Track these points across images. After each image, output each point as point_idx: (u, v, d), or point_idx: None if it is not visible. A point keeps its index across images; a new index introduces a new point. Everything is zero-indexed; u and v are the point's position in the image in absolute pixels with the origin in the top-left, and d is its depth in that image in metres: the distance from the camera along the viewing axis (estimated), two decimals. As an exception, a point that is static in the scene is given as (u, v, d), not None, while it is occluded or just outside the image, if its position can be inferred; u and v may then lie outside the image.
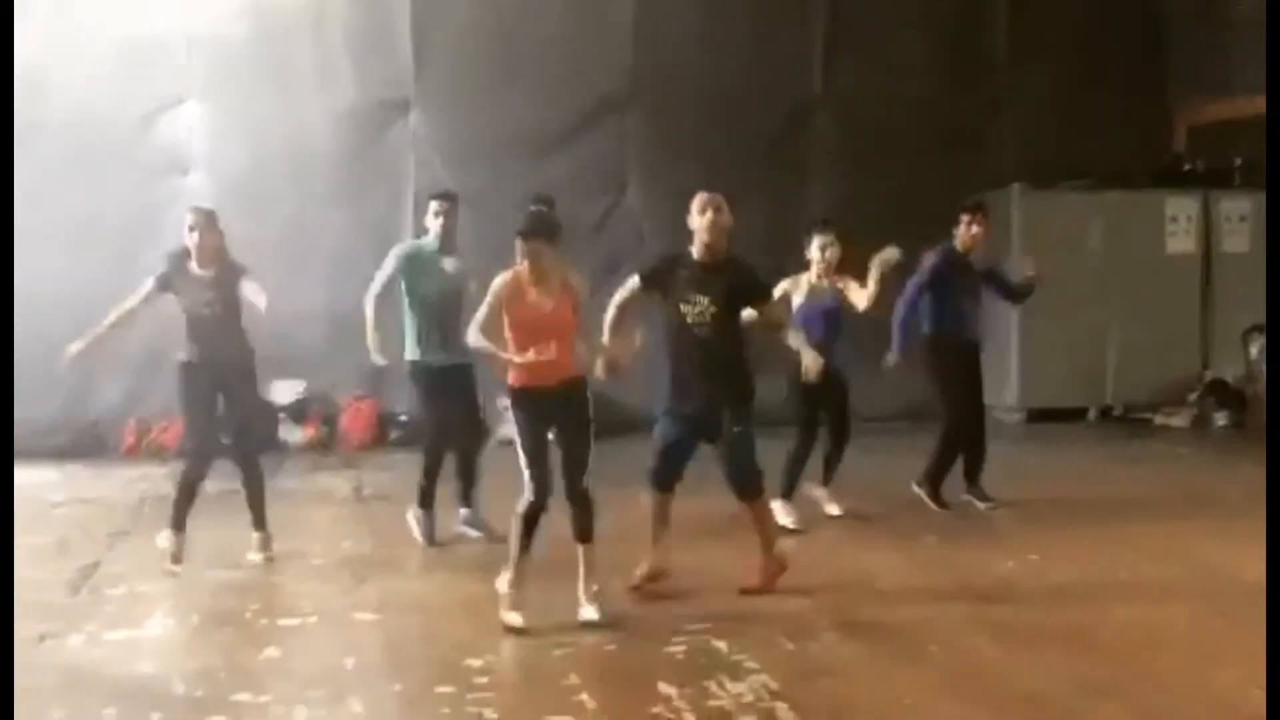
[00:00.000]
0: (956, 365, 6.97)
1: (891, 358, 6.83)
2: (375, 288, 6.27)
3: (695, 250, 5.19)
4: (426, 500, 6.22)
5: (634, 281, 5.30)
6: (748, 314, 5.30)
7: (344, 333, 8.57)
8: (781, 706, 3.97)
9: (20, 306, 8.80)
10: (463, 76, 9.93)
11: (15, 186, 8.86)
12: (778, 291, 6.33)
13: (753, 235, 7.00)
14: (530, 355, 4.67)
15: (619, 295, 5.28)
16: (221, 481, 7.16)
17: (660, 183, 10.09)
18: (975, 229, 6.93)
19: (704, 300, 5.06)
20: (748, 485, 5.27)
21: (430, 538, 6.17)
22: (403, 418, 9.64)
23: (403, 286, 6.23)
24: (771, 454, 5.86)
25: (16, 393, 8.85)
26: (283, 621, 4.97)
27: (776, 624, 4.83)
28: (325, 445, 9.37)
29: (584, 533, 4.91)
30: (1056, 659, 4.43)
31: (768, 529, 5.39)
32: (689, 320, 5.08)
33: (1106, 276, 10.36)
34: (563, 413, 4.86)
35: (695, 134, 10.23)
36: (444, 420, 6.24)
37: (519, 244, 4.78)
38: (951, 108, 10.82)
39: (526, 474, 4.80)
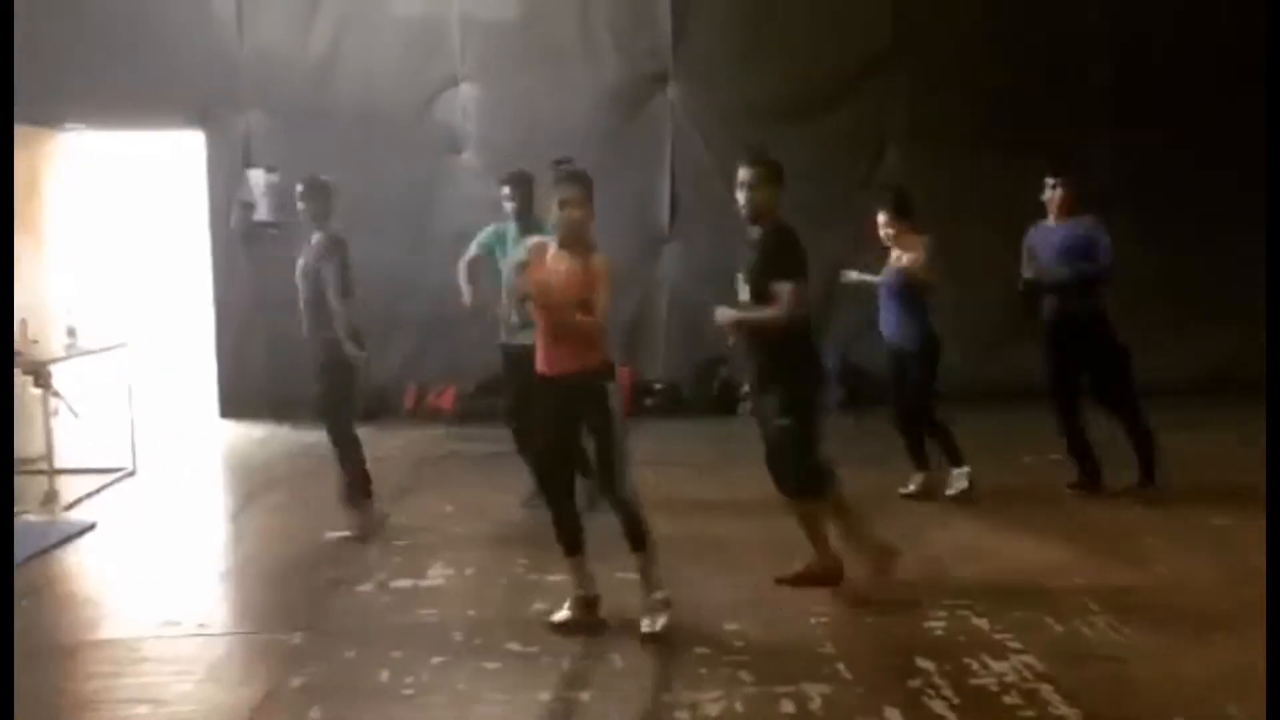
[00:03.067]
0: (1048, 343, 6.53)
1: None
2: (461, 264, 6.46)
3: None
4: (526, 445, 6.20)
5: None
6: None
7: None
8: (1047, 689, 3.83)
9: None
10: (721, 46, 9.94)
11: (309, 171, 9.63)
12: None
13: (1027, 192, 6.76)
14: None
15: None
16: (492, 444, 7.56)
17: (924, 146, 9.83)
18: (1056, 193, 6.42)
19: (740, 277, 4.74)
20: (779, 482, 4.84)
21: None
22: (658, 386, 9.86)
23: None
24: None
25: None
26: (551, 577, 5.19)
27: (1043, 604, 4.65)
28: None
29: (633, 541, 4.48)
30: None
31: (811, 530, 4.88)
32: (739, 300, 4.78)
33: None
34: (582, 409, 4.43)
35: (961, 91, 9.85)
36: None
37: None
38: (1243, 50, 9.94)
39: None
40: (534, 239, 4.70)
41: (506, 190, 6.32)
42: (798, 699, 3.80)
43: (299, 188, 6.08)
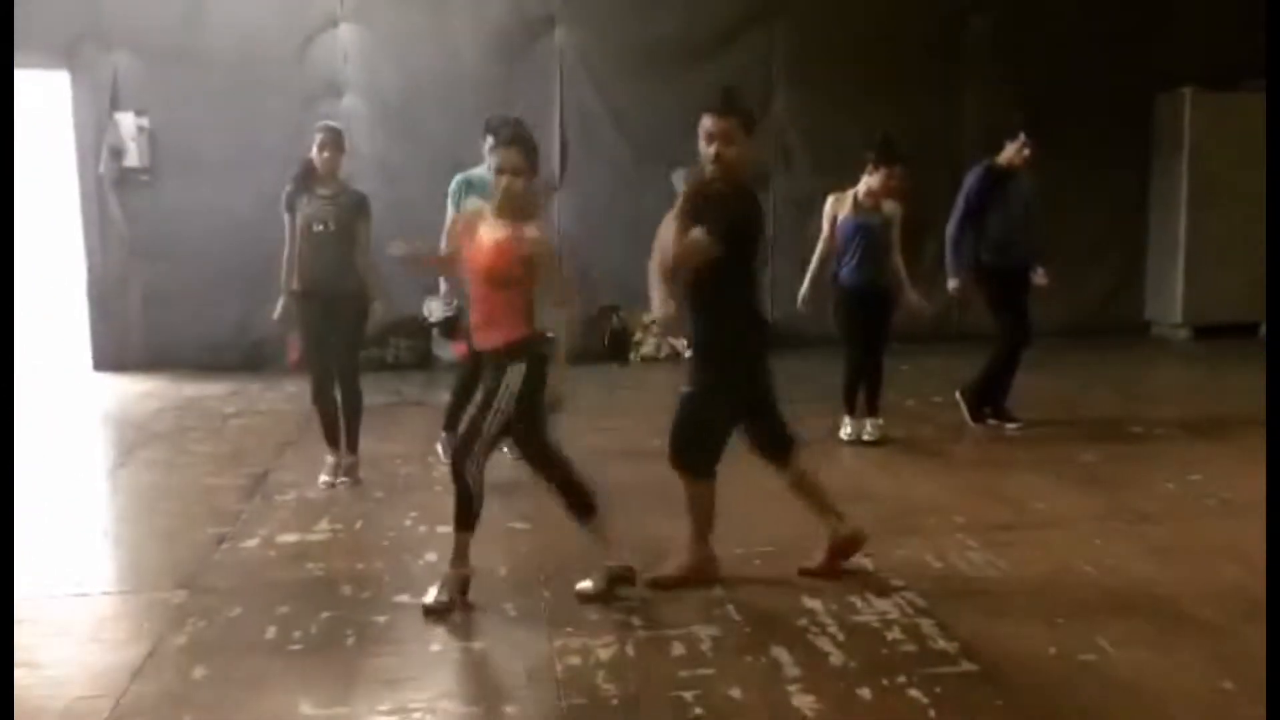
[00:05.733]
0: (1008, 286, 6.84)
1: (952, 284, 6.82)
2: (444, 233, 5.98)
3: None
4: (452, 423, 6.24)
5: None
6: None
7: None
8: (928, 623, 3.96)
9: (189, 231, 9.31)
10: (608, -11, 9.86)
11: (181, 116, 9.29)
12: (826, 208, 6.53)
13: (908, 141, 6.92)
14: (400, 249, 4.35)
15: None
16: (386, 395, 7.42)
17: (809, 93, 9.91)
18: (1028, 152, 6.72)
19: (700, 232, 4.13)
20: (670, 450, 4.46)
21: None
22: (549, 334, 9.78)
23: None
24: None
25: (192, 312, 9.41)
26: (440, 529, 5.16)
27: (923, 543, 4.81)
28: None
29: (458, 515, 4.23)
30: (1220, 581, 4.30)
31: (814, 501, 4.50)
32: None
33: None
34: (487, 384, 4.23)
35: (845, 41, 9.95)
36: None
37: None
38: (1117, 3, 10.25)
39: None
40: (472, 204, 4.39)
41: (492, 141, 5.72)
42: (688, 641, 3.86)
43: (320, 135, 5.74)
